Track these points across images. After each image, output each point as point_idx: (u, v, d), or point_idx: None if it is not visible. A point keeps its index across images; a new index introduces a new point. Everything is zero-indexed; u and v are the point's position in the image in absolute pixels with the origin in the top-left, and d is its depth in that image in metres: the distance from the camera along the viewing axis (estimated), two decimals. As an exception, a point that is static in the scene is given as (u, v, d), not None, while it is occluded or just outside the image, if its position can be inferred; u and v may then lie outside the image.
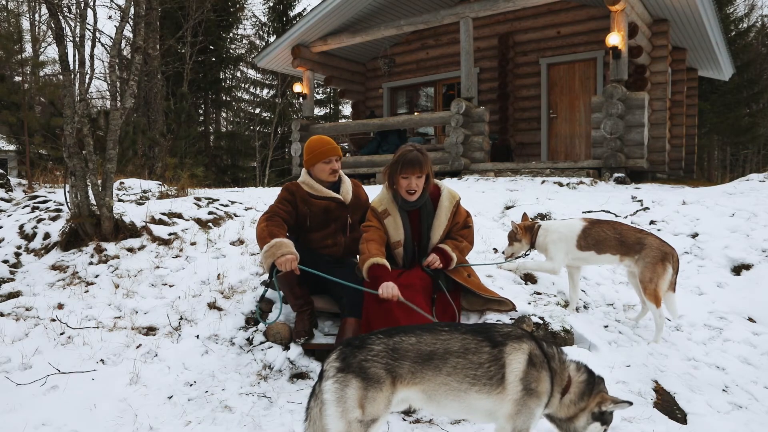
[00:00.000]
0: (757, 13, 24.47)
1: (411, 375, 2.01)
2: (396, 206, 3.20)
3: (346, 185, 3.50)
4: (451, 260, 3.13)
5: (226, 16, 21.48)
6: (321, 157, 3.36)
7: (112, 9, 16.04)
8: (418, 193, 3.13)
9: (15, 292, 4.07)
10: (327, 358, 2.03)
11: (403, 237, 3.21)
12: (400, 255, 3.25)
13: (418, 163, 3.05)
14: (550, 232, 3.53)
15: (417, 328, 2.14)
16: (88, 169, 4.45)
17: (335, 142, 3.49)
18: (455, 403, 2.08)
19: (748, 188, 6.17)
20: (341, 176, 3.52)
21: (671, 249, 3.39)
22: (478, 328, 2.18)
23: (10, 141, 13.49)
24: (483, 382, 2.06)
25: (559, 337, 3.12)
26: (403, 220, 3.19)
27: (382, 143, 11.73)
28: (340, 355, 1.99)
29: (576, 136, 11.29)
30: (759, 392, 3.01)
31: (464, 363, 2.06)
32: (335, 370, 1.95)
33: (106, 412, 2.80)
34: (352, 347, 2.00)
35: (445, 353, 2.06)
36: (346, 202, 3.43)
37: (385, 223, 3.20)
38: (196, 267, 4.21)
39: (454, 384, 2.05)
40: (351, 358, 1.96)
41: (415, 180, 3.08)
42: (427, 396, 2.05)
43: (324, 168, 3.39)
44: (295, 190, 3.41)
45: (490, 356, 2.07)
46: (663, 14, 9.91)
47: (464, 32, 10.05)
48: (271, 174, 21.47)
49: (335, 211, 3.39)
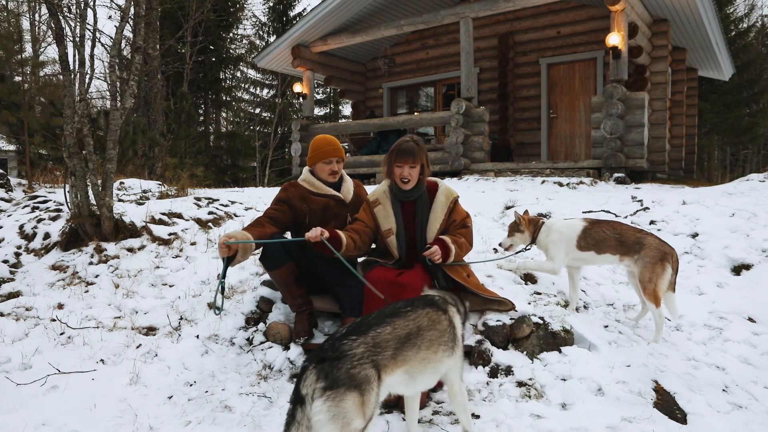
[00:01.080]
0: (757, 13, 24.48)
1: (394, 361, 2.10)
2: (389, 196, 3.28)
3: (347, 185, 3.52)
4: (450, 252, 3.14)
5: (226, 16, 21.48)
6: (322, 157, 3.38)
7: (112, 9, 16.04)
8: (412, 182, 3.19)
9: (15, 292, 4.07)
10: (302, 382, 1.87)
11: (394, 225, 3.24)
12: (393, 244, 3.25)
13: (411, 153, 3.13)
14: (552, 232, 3.53)
15: (382, 317, 2.19)
16: (88, 169, 4.45)
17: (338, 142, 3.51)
18: (430, 373, 2.30)
19: (748, 188, 6.17)
20: (343, 176, 3.53)
21: (670, 249, 3.39)
22: (425, 301, 2.41)
23: (10, 141, 13.50)
24: (448, 345, 2.36)
25: (559, 337, 3.12)
26: (395, 209, 3.26)
27: (382, 143, 11.73)
28: (320, 374, 1.86)
29: (576, 136, 11.29)
30: (759, 392, 3.01)
31: (436, 334, 2.31)
32: (322, 390, 1.84)
33: (106, 412, 2.80)
34: (330, 361, 1.89)
35: (419, 330, 2.25)
36: (346, 200, 3.44)
37: (375, 212, 3.27)
38: (196, 267, 4.21)
39: (431, 355, 2.27)
40: (336, 372, 1.87)
41: (408, 169, 3.15)
42: (409, 375, 2.20)
43: (324, 168, 3.40)
44: (290, 189, 3.43)
45: (447, 321, 2.39)
46: (663, 14, 9.91)
47: (464, 32, 10.05)
48: (271, 174, 21.48)
49: (334, 208, 3.40)
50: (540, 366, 2.95)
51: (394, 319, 2.18)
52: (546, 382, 2.83)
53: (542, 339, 3.11)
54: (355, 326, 2.11)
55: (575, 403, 2.68)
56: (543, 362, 2.98)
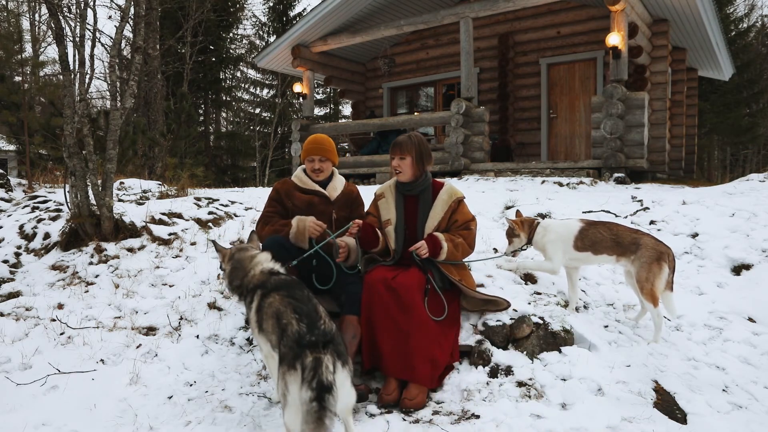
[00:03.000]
0: (757, 13, 24.51)
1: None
2: (393, 190, 3.40)
3: (335, 183, 3.54)
4: (440, 248, 3.15)
5: (226, 16, 21.49)
6: (306, 155, 3.48)
7: (112, 9, 16.05)
8: (405, 173, 3.29)
9: (15, 292, 4.07)
10: (324, 370, 2.16)
11: (393, 216, 3.33)
12: (390, 235, 3.30)
13: (399, 145, 3.28)
14: (549, 232, 3.53)
15: (310, 298, 2.56)
16: (88, 169, 4.45)
17: (333, 142, 3.53)
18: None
19: (748, 188, 6.17)
20: (334, 175, 3.57)
21: (666, 248, 3.40)
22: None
23: (10, 141, 13.51)
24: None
25: (559, 337, 3.12)
26: (397, 202, 3.36)
27: (382, 143, 11.74)
28: (333, 355, 2.24)
29: (576, 136, 11.29)
30: (759, 392, 3.00)
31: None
32: (342, 364, 2.27)
33: (106, 412, 2.80)
34: (330, 344, 2.28)
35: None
36: (331, 198, 3.46)
37: (378, 205, 3.42)
38: (196, 267, 4.21)
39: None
40: (340, 347, 2.33)
41: (398, 160, 3.28)
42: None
43: (308, 165, 3.49)
44: (280, 187, 3.51)
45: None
46: (663, 14, 9.91)
47: (464, 32, 10.05)
48: (271, 174, 21.49)
49: (319, 205, 3.42)
50: (540, 366, 2.95)
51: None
52: (546, 382, 2.83)
53: (542, 339, 3.11)
54: (307, 312, 2.40)
55: (575, 403, 2.68)
56: (543, 362, 2.98)
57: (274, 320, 2.49)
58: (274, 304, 2.54)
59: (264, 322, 2.58)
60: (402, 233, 3.31)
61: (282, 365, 2.26)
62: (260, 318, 2.61)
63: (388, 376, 2.95)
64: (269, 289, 2.65)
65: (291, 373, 2.19)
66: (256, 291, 2.71)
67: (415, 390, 2.84)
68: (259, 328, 2.62)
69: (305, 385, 2.11)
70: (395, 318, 2.97)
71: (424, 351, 2.90)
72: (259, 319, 2.62)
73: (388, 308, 2.99)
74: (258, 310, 2.63)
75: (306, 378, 2.12)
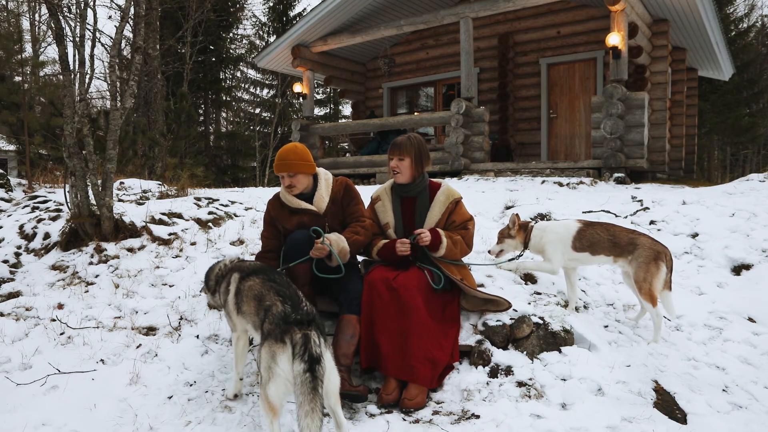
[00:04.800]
0: (757, 13, 24.52)
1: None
2: (390, 193, 3.41)
3: (321, 191, 3.30)
4: (440, 242, 3.16)
5: (226, 16, 21.49)
6: (275, 172, 3.31)
7: (112, 9, 16.05)
8: (403, 175, 3.28)
9: (15, 292, 4.07)
10: (313, 344, 2.24)
11: (392, 219, 3.34)
12: (392, 238, 3.32)
13: (398, 146, 3.28)
14: (547, 233, 3.53)
15: (288, 282, 2.65)
16: (88, 169, 4.45)
17: (302, 150, 3.28)
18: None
19: (748, 188, 6.17)
20: (318, 181, 3.35)
21: (663, 248, 3.41)
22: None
23: (10, 141, 13.49)
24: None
25: (559, 337, 3.13)
26: (394, 205, 3.36)
27: (382, 143, 11.74)
28: (317, 333, 2.30)
29: (576, 136, 11.29)
30: (759, 392, 3.01)
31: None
32: (325, 342, 2.33)
33: (106, 412, 2.80)
34: (313, 323, 2.35)
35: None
36: (320, 211, 3.28)
37: (375, 209, 3.43)
38: (196, 267, 4.21)
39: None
40: (322, 326, 2.40)
41: (396, 161, 3.28)
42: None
43: (281, 182, 3.30)
44: (271, 208, 3.37)
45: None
46: (663, 14, 9.91)
47: (464, 32, 10.05)
48: (271, 174, 21.47)
49: (309, 223, 3.23)
50: (540, 366, 2.95)
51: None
52: (546, 382, 2.83)
53: (542, 339, 3.11)
54: (290, 295, 2.48)
55: (575, 403, 2.68)
56: (543, 362, 2.98)
57: (256, 302, 2.57)
58: (255, 287, 2.62)
59: (244, 304, 2.66)
60: (402, 236, 3.31)
61: (268, 340, 2.33)
62: (239, 300, 2.71)
63: (388, 376, 2.95)
64: (247, 272, 2.76)
65: (280, 347, 2.27)
66: (231, 274, 2.82)
67: (415, 390, 2.84)
68: (238, 311, 2.71)
69: (297, 358, 2.20)
70: (395, 318, 2.98)
71: (424, 351, 2.90)
72: (238, 301, 2.71)
73: (389, 308, 3.00)
74: (237, 293, 2.73)
75: (298, 352, 2.21)
